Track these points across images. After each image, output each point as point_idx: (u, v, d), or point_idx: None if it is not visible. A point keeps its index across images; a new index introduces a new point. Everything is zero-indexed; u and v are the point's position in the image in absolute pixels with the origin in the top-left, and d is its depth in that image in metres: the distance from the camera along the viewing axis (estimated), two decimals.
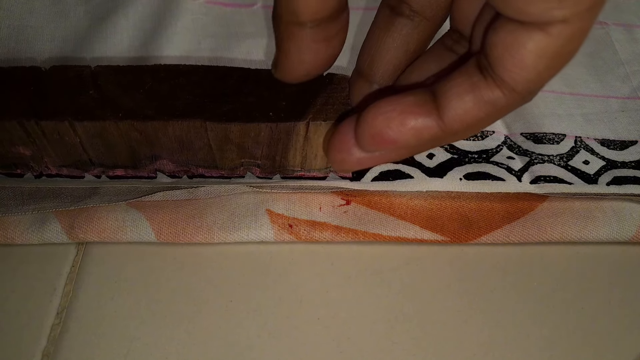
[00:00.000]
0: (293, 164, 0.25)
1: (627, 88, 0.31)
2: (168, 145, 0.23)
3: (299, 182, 0.26)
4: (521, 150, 0.28)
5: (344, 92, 0.23)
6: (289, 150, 0.24)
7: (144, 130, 0.22)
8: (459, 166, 0.26)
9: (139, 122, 0.22)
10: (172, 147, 0.24)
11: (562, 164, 0.27)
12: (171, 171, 0.25)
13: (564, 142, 0.28)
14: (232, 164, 0.25)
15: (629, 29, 0.34)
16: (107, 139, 0.23)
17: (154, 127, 0.22)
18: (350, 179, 0.26)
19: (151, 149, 0.24)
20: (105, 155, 0.24)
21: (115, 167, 0.25)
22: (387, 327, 0.23)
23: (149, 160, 0.25)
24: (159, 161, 0.25)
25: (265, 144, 0.24)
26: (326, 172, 0.26)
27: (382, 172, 0.26)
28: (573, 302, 0.24)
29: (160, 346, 0.22)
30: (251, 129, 0.23)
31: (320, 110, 0.23)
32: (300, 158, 0.25)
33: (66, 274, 0.24)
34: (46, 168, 0.25)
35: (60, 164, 0.25)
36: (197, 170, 0.25)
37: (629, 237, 0.26)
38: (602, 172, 0.27)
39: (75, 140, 0.23)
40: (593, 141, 0.28)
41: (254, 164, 0.25)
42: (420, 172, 0.26)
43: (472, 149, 0.27)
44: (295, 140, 0.24)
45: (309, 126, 0.23)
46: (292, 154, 0.25)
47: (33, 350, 0.22)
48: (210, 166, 0.25)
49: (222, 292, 0.24)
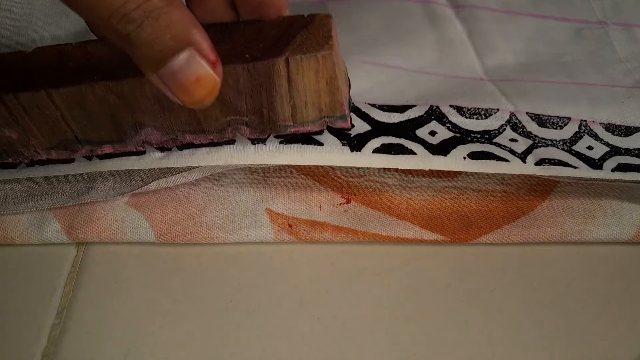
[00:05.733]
0: (283, 117, 0.24)
1: (631, 80, 0.30)
2: (148, 107, 0.23)
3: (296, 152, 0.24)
4: (525, 132, 0.27)
5: (325, 27, 0.22)
6: (274, 99, 0.23)
7: (120, 91, 0.22)
8: (462, 144, 0.25)
9: (114, 82, 0.22)
10: (153, 109, 0.23)
11: (566, 149, 0.26)
12: (158, 142, 0.25)
13: (567, 126, 0.27)
14: (218, 124, 0.24)
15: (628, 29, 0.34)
16: (86, 107, 0.23)
17: (130, 87, 0.22)
18: (349, 148, 0.24)
19: (132, 115, 0.23)
20: (89, 128, 0.24)
21: (102, 143, 0.25)
22: (387, 327, 0.23)
23: (133, 131, 0.24)
24: (144, 130, 0.24)
25: (247, 94, 0.23)
26: (321, 123, 0.24)
27: (384, 144, 0.25)
28: (573, 302, 0.24)
29: (160, 346, 0.22)
30: (228, 75, 0.22)
31: (300, 46, 0.22)
32: (290, 108, 0.23)
33: (66, 274, 0.24)
34: (35, 153, 0.25)
35: (48, 146, 0.25)
36: (184, 137, 0.24)
37: (629, 237, 0.26)
38: (607, 157, 0.26)
39: (56, 113, 0.23)
40: (598, 125, 0.28)
41: (241, 121, 0.24)
42: (423, 148, 0.25)
43: (475, 128, 0.26)
44: (279, 85, 0.22)
45: (289, 64, 0.22)
46: (279, 104, 0.23)
47: (33, 350, 0.22)
48: (196, 131, 0.24)
49: (222, 292, 0.24)
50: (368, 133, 0.25)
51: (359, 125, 0.26)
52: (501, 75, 0.30)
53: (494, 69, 0.31)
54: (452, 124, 0.26)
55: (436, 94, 0.28)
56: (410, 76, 0.30)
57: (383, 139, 0.25)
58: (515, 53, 0.32)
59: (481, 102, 0.28)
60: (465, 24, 0.33)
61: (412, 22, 0.33)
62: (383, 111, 0.27)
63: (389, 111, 0.27)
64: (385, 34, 0.32)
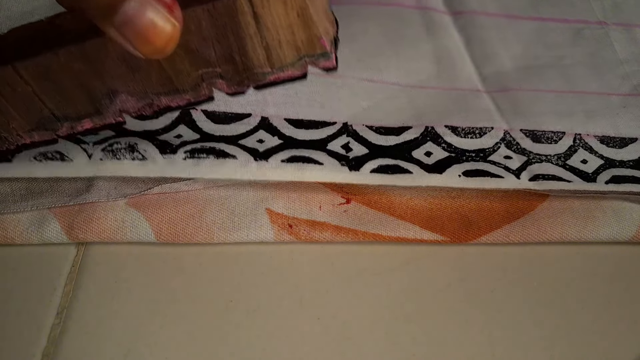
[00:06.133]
0: (259, 63, 0.23)
1: (628, 86, 0.31)
2: (116, 70, 0.23)
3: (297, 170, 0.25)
4: (519, 149, 0.28)
5: None
6: (244, 41, 0.22)
7: (84, 55, 0.22)
8: (458, 164, 0.26)
9: (76, 46, 0.21)
10: (121, 72, 0.23)
11: (560, 164, 0.27)
12: (135, 109, 0.24)
13: (562, 140, 0.28)
14: (190, 80, 0.23)
15: (628, 29, 0.34)
16: (54, 79, 0.22)
17: (93, 48, 0.22)
18: (348, 168, 0.25)
19: (102, 82, 0.23)
20: (63, 103, 0.23)
21: (80, 118, 0.24)
22: (387, 327, 0.23)
23: (107, 99, 0.24)
24: (118, 98, 0.24)
25: (213, 39, 0.22)
26: (302, 65, 0.23)
27: (381, 165, 0.26)
28: (573, 302, 0.24)
29: (160, 346, 0.22)
30: (189, 20, 0.21)
31: None
32: (263, 51, 0.22)
33: (66, 274, 0.24)
34: (18, 137, 0.25)
35: (28, 128, 0.24)
36: (159, 100, 0.24)
37: (629, 237, 0.26)
38: (601, 170, 0.27)
39: (27, 89, 0.23)
40: (592, 138, 0.28)
41: (215, 73, 0.23)
42: (419, 168, 0.26)
43: (470, 147, 0.27)
44: (245, 24, 0.21)
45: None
46: (250, 47, 0.22)
47: (33, 350, 0.22)
48: (170, 91, 0.24)
49: (222, 292, 0.24)
50: (365, 156, 0.26)
51: (357, 149, 0.27)
52: (499, 85, 0.31)
53: (492, 77, 0.31)
54: (447, 143, 0.28)
55: (433, 112, 0.29)
56: (408, 93, 0.30)
57: (380, 161, 0.26)
58: (514, 58, 0.32)
59: (476, 120, 0.29)
60: (463, 32, 0.33)
61: (410, 32, 0.33)
62: (380, 134, 0.28)
63: (385, 134, 0.28)
64: (384, 45, 0.32)
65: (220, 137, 0.26)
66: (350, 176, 0.25)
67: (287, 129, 0.27)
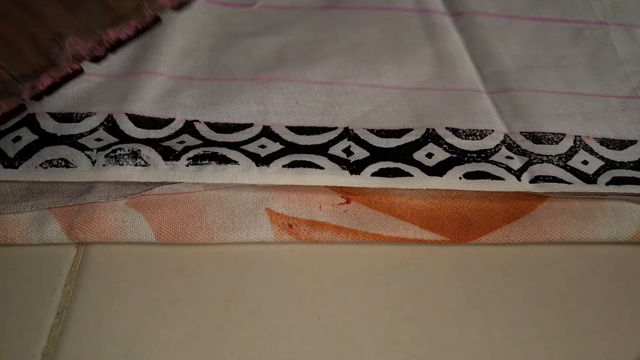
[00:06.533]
0: None
1: (627, 87, 0.31)
2: (47, 8, 0.23)
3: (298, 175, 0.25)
4: (520, 150, 0.28)
5: None
6: None
7: None
8: (458, 165, 0.26)
9: None
10: (54, 9, 0.23)
11: (561, 164, 0.27)
12: (87, 51, 0.24)
13: (563, 141, 0.28)
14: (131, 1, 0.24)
15: (628, 29, 0.34)
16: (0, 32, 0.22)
17: None
18: (349, 172, 0.26)
19: (45, 27, 0.23)
20: (15, 59, 0.23)
21: (38, 74, 0.24)
22: (387, 327, 0.23)
23: (57, 46, 0.24)
24: (67, 42, 0.24)
25: None
26: None
27: (382, 169, 0.26)
28: (573, 302, 0.24)
29: (160, 346, 0.22)
30: None
31: None
32: None
33: (66, 274, 0.24)
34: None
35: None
36: (108, 35, 0.24)
37: (629, 237, 0.26)
38: (601, 172, 0.27)
39: None
40: (592, 140, 0.28)
41: None
42: (419, 170, 0.26)
43: (471, 148, 0.27)
44: None
45: None
46: None
47: (33, 350, 0.22)
48: (114, 21, 0.24)
49: (222, 292, 0.24)
50: (366, 159, 0.26)
51: (358, 153, 0.27)
52: (499, 85, 0.31)
53: (493, 76, 0.31)
54: (448, 144, 0.28)
55: (433, 113, 0.29)
56: (409, 95, 0.30)
57: (381, 164, 0.26)
58: (514, 57, 0.32)
59: (476, 122, 0.29)
60: (464, 33, 0.33)
61: (410, 36, 0.34)
62: (381, 137, 0.28)
63: (386, 137, 0.28)
64: (384, 50, 0.33)
65: (222, 143, 0.27)
66: (351, 180, 0.25)
67: (289, 135, 0.28)
